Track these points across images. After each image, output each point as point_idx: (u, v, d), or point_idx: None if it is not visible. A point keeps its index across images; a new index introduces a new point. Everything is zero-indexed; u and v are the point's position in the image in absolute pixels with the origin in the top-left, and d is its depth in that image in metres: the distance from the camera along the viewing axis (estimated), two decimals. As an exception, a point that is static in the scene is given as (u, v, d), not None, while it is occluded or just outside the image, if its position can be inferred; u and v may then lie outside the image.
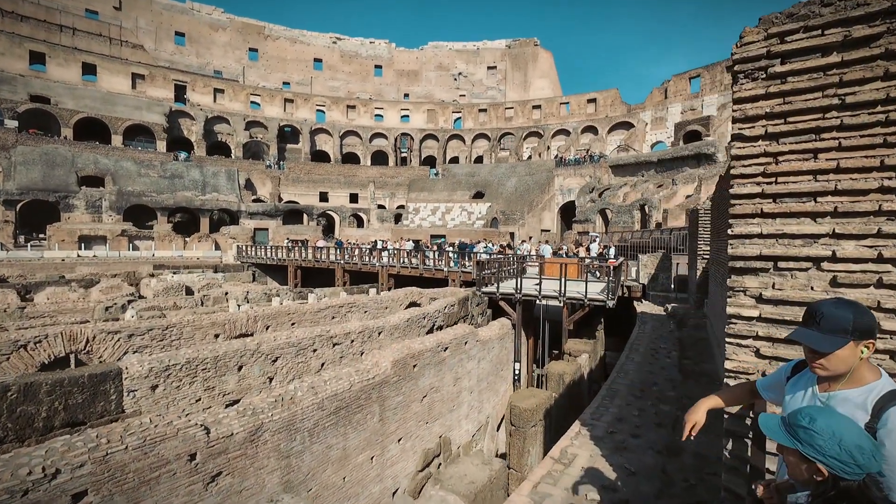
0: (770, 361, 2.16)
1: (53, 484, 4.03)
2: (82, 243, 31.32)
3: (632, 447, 4.65)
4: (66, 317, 12.55)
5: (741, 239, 2.19)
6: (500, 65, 66.01)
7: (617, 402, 5.98)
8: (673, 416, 5.34)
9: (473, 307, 15.77)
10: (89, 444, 4.36)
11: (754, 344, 2.19)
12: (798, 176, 2.06)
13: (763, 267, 2.15)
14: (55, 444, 4.28)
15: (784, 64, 2.06)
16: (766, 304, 2.15)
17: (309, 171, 52.01)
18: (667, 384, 6.68)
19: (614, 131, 50.70)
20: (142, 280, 22.48)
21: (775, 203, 2.11)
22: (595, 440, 4.82)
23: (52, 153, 35.33)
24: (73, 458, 4.20)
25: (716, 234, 8.21)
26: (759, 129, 2.14)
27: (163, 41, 56.29)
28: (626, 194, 35.77)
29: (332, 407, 6.79)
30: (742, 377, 2.22)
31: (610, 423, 5.26)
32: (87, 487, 4.25)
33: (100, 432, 4.55)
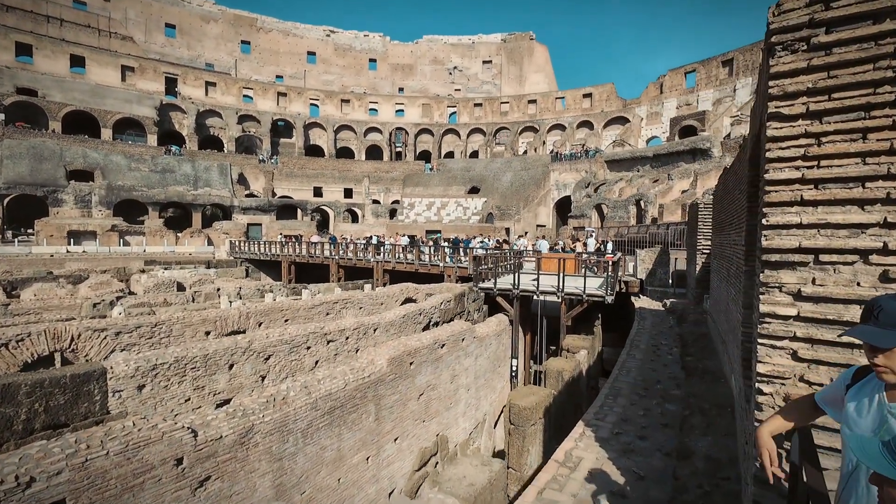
0: (809, 365, 1.95)
1: (28, 493, 3.78)
2: (71, 238, 30.76)
3: (639, 449, 4.46)
4: (52, 314, 12.21)
5: (777, 230, 1.98)
6: (495, 59, 65.56)
7: (621, 401, 5.80)
8: (680, 415, 5.16)
9: (470, 303, 15.57)
10: (67, 450, 4.11)
11: (791, 346, 1.99)
12: (844, 159, 1.84)
13: (802, 260, 1.94)
14: (30, 450, 4.02)
15: (829, 33, 1.84)
16: (805, 302, 1.94)
17: (303, 165, 51.45)
18: (670, 382, 6.51)
19: (610, 126, 50.54)
20: (132, 276, 22.07)
21: (817, 189, 1.90)
22: (600, 442, 4.63)
23: (39, 147, 34.60)
24: (49, 465, 3.95)
25: (718, 229, 8.05)
26: (800, 106, 1.92)
27: (153, 33, 55.30)
28: (622, 189, 35.67)
29: (327, 407, 6.56)
30: (777, 382, 2.01)
31: (615, 424, 5.07)
32: (64, 496, 4.00)
33: (79, 437, 4.29)
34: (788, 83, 1.93)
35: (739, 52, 40.07)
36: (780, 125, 1.96)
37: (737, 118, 35.03)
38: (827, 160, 1.88)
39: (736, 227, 5.29)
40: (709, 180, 28.61)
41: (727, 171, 6.89)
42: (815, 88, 1.89)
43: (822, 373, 1.91)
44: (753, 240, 4.10)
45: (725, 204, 7.21)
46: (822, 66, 1.86)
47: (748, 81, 39.15)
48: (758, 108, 3.08)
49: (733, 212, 5.59)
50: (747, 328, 4.14)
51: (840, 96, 1.83)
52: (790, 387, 1.97)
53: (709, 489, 3.40)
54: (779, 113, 1.96)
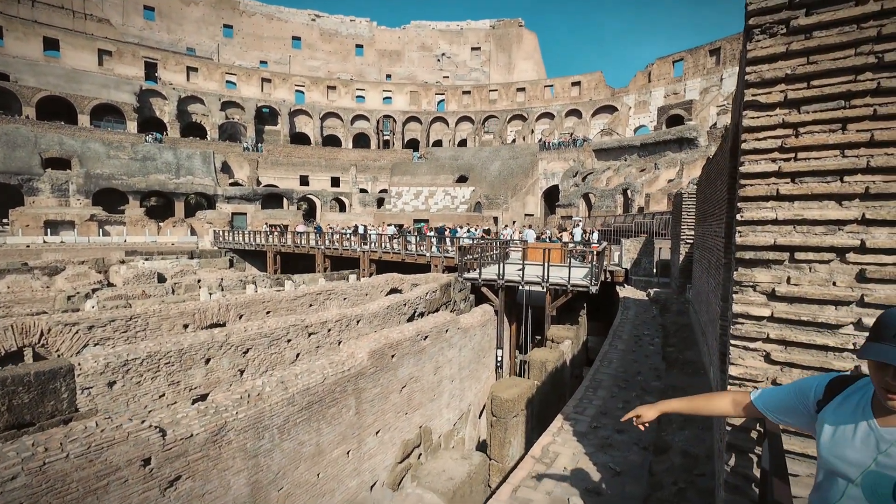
0: (782, 368, 1.86)
1: (-20, 500, 3.61)
2: (48, 229, 29.90)
3: (617, 444, 4.42)
4: (24, 307, 11.83)
5: (752, 225, 1.87)
6: (484, 46, 64.75)
7: (601, 393, 5.77)
8: (658, 408, 5.12)
9: (456, 293, 15.49)
10: (23, 453, 3.93)
11: (764, 347, 1.89)
12: (822, 151, 1.73)
13: (777, 258, 1.83)
14: (-18, 455, 3.83)
15: (810, 15, 1.71)
16: (780, 302, 1.84)
17: (288, 153, 50.53)
18: (651, 373, 6.50)
19: (598, 115, 50.45)
20: (111, 267, 21.53)
21: (794, 183, 1.79)
22: (578, 436, 4.58)
23: (12, 133, 33.39)
24: (2, 469, 3.76)
25: (701, 219, 8.02)
26: (777, 94, 1.80)
27: (131, 15, 53.40)
28: (610, 178, 35.74)
29: (304, 402, 6.43)
30: (749, 385, 1.93)
31: (594, 417, 5.03)
32: (21, 500, 3.83)
33: (36, 440, 4.10)
34: (766, 69, 1.81)
35: (727, 41, 40.10)
36: (756, 114, 1.84)
37: (723, 108, 35.18)
38: (805, 152, 1.76)
39: (717, 218, 5.23)
40: (695, 170, 28.77)
41: (710, 162, 6.83)
42: (793, 75, 1.76)
43: (796, 375, 1.82)
44: (733, 232, 4.03)
45: (708, 194, 7.17)
46: (802, 50, 1.74)
47: (735, 71, 39.24)
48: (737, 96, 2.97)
49: (715, 202, 5.52)
50: (725, 321, 4.09)
51: (819, 83, 1.71)
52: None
53: (684, 486, 3.35)
54: (756, 101, 1.83)
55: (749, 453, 1.91)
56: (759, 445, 1.89)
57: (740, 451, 1.93)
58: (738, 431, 1.91)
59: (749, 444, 1.90)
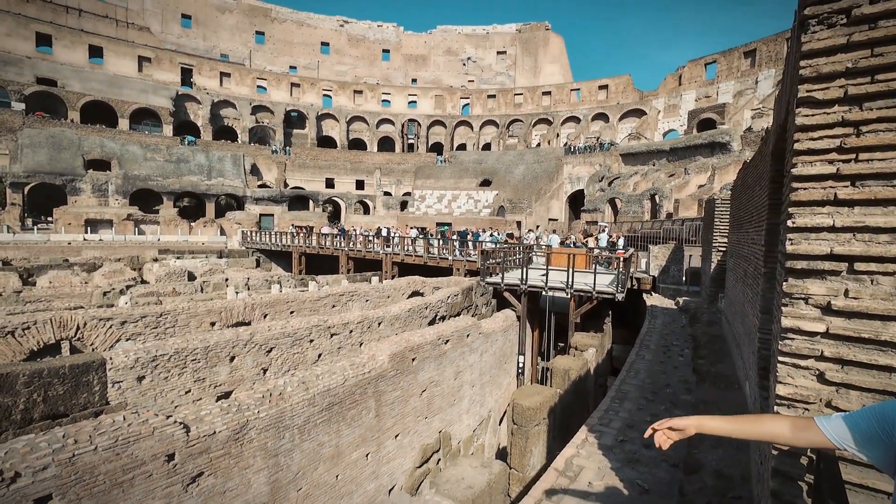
0: (837, 389, 1.70)
1: (13, 488, 3.72)
2: (89, 227, 31.31)
3: (644, 459, 4.23)
4: (63, 301, 12.35)
5: (804, 233, 1.71)
6: (509, 50, 64.53)
7: (627, 405, 5.55)
8: (690, 423, 4.88)
9: (478, 297, 15.36)
10: (54, 444, 4.04)
11: (817, 366, 1.73)
12: (888, 151, 1.57)
13: (833, 269, 1.68)
14: (16, 444, 3.95)
15: (874, 3, 1.56)
16: (836, 317, 1.68)
17: (315, 156, 51.51)
18: (681, 386, 6.22)
19: (626, 119, 49.48)
20: (145, 265, 22.34)
21: (854, 187, 1.63)
22: (604, 450, 4.40)
23: (58, 136, 35.18)
24: (34, 460, 3.88)
25: (736, 226, 7.67)
26: (836, 90, 1.65)
27: (169, 23, 55.64)
28: (637, 183, 34.93)
29: (325, 403, 6.45)
30: (799, 406, 1.77)
31: (620, 430, 4.83)
32: (51, 491, 3.93)
33: (67, 432, 4.22)
34: (823, 63, 1.66)
35: (762, 43, 38.72)
36: (811, 112, 1.69)
37: (758, 111, 33.93)
38: (867, 153, 1.61)
39: (755, 225, 4.97)
40: (727, 175, 27.81)
41: (747, 166, 6.53)
42: (855, 69, 1.61)
43: (854, 398, 1.66)
44: (774, 240, 3.80)
45: (744, 200, 6.85)
46: (865, 42, 1.58)
47: (771, 73, 37.84)
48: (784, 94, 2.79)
49: (753, 209, 5.25)
50: (765, 334, 3.85)
51: (886, 77, 1.55)
52: (815, 412, 1.72)
53: (718, 509, 3.16)
54: (811, 98, 1.68)
55: (798, 480, 1.75)
56: (809, 472, 1.73)
57: (788, 478, 1.77)
58: (786, 456, 1.74)
59: (798, 471, 1.74)
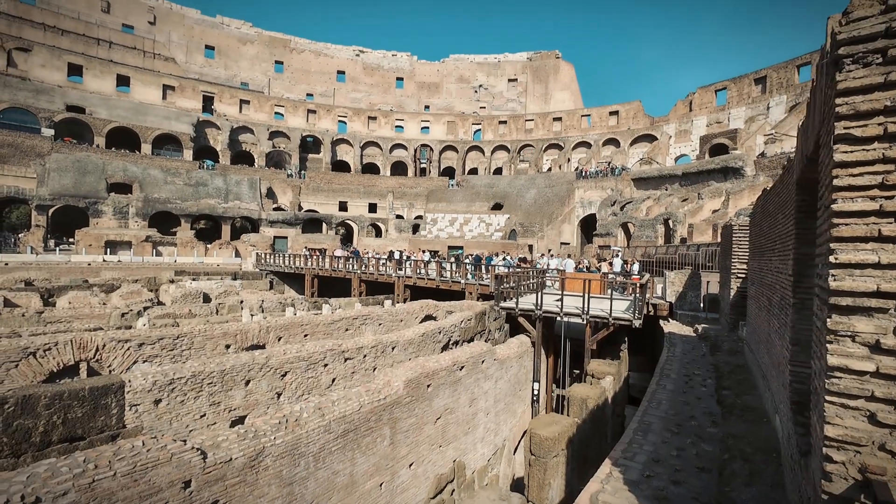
0: (892, 431, 1.64)
1: (32, 514, 3.70)
2: (108, 248, 32.00)
3: (674, 497, 4.07)
4: (82, 322, 12.53)
5: (849, 269, 1.70)
6: (520, 77, 65.89)
7: (651, 438, 5.38)
8: (718, 459, 4.72)
9: (491, 322, 15.22)
10: (75, 469, 4.03)
11: (868, 406, 1.68)
12: (933, 189, 1.56)
13: (881, 306, 1.65)
14: (38, 468, 3.96)
15: (910, 43, 1.58)
16: (886, 356, 1.64)
17: (329, 180, 52.47)
18: (706, 418, 6.03)
19: (637, 144, 49.74)
20: (161, 286, 22.66)
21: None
22: (630, 486, 4.25)
23: (84, 160, 36.44)
24: (55, 485, 3.87)
25: (757, 253, 7.57)
26: (875, 127, 1.66)
27: (193, 54, 58.11)
28: (650, 208, 34.82)
29: (340, 430, 6.36)
30: (850, 449, 1.70)
31: (645, 465, 4.67)
32: (69, 518, 3.90)
33: (87, 456, 4.21)
34: (860, 101, 1.67)
35: (773, 70, 39.00)
36: (850, 148, 1.70)
37: (771, 136, 33.91)
38: (912, 190, 1.60)
39: (779, 253, 4.90)
40: (741, 200, 27.63)
41: (768, 193, 6.48)
42: (894, 107, 1.62)
43: (908, 441, 1.60)
44: (803, 270, 3.74)
45: (765, 228, 6.77)
46: (904, 80, 1.60)
47: (782, 99, 37.96)
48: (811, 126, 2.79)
49: (776, 237, 5.19)
50: (797, 367, 3.75)
51: (927, 115, 1.56)
52: (867, 456, 1.65)
53: (757, 553, 3.01)
54: (849, 135, 1.69)
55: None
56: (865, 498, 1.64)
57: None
58: (839, 502, 1.67)
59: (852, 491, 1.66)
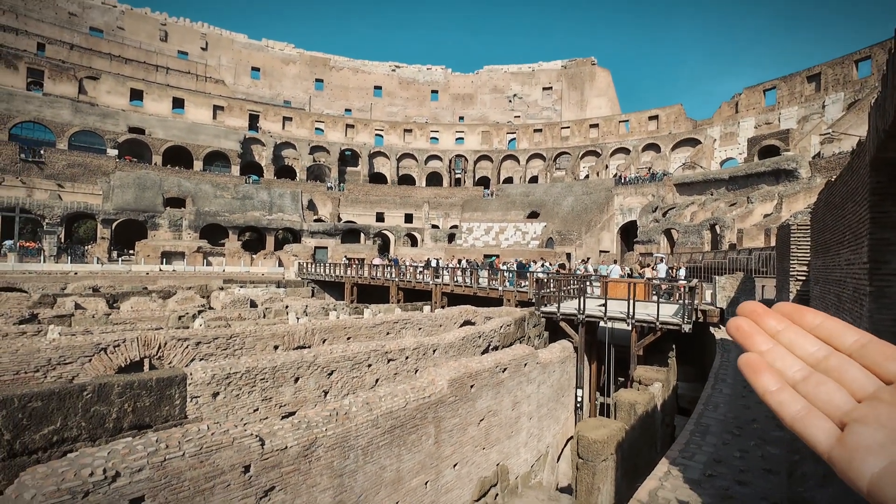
0: None
1: (113, 487, 3.98)
2: (164, 258, 34.07)
3: (739, 496, 3.88)
4: (144, 324, 13.35)
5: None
6: (555, 85, 65.50)
7: (710, 439, 5.15)
8: (786, 461, 4.47)
9: (530, 328, 15.04)
10: (149, 448, 4.32)
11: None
12: None
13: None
14: (117, 445, 4.26)
15: None
16: None
17: (367, 192, 53.80)
18: (769, 422, 5.71)
19: (679, 148, 48.11)
20: (212, 293, 23.83)
21: None
22: (691, 484, 4.08)
23: (143, 177, 39.15)
24: (132, 461, 4.15)
25: (821, 251, 7.14)
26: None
27: (240, 76, 61.58)
28: (694, 213, 33.47)
29: (387, 425, 6.47)
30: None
31: (706, 465, 4.48)
32: (144, 493, 4.17)
33: (160, 437, 4.50)
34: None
35: (828, 66, 36.89)
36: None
37: (827, 136, 31.92)
38: None
39: (849, 244, 4.63)
40: (796, 203, 26.07)
41: (832, 185, 6.14)
42: None
43: None
44: (881, 256, 3.53)
45: (830, 222, 6.41)
46: None
47: (839, 97, 35.76)
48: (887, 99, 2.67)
49: (845, 228, 4.91)
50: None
51: None
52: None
53: (838, 551, 2.83)
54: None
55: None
56: None
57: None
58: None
59: None
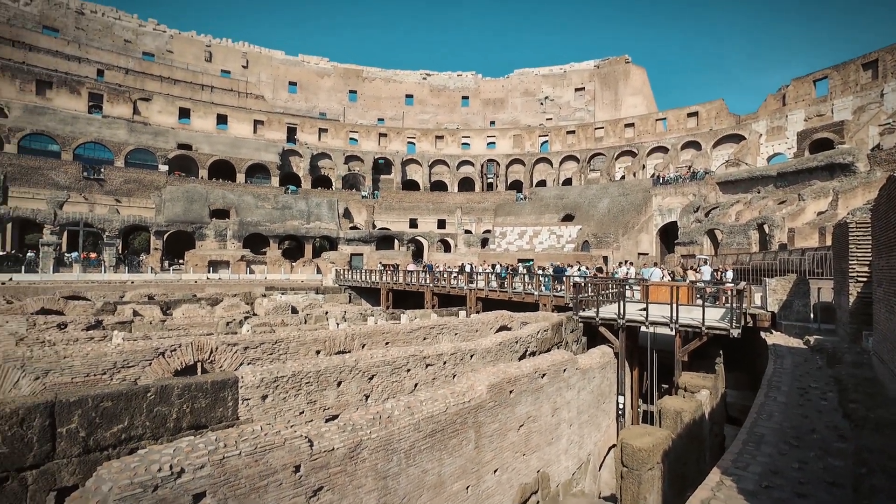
0: None
1: (178, 483, 4.26)
2: (211, 267, 35.81)
3: (800, 509, 3.72)
4: (196, 329, 14.12)
5: None
6: (588, 86, 64.44)
7: (765, 449, 4.94)
8: (851, 473, 4.23)
9: (567, 333, 14.80)
10: (209, 446, 4.58)
11: None
12: None
13: None
14: (180, 444, 4.56)
15: None
16: None
17: (400, 199, 54.62)
18: (831, 433, 5.41)
19: (721, 145, 46.18)
20: (255, 300, 24.85)
21: None
22: (746, 495, 3.95)
23: (191, 191, 41.39)
24: (195, 458, 4.42)
25: (885, 250, 6.70)
26: None
27: (279, 91, 64.16)
28: (740, 213, 31.96)
29: (428, 429, 6.56)
30: None
31: (762, 476, 4.30)
32: (205, 489, 4.43)
33: (218, 436, 4.77)
34: None
35: (886, 52, 34.50)
36: None
37: (888, 126, 29.77)
38: None
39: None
40: (853, 199, 24.42)
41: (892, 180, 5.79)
42: None
43: None
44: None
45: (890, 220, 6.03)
46: None
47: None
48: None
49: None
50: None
51: None
52: None
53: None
54: None
55: None
56: None
57: None
58: None
59: None
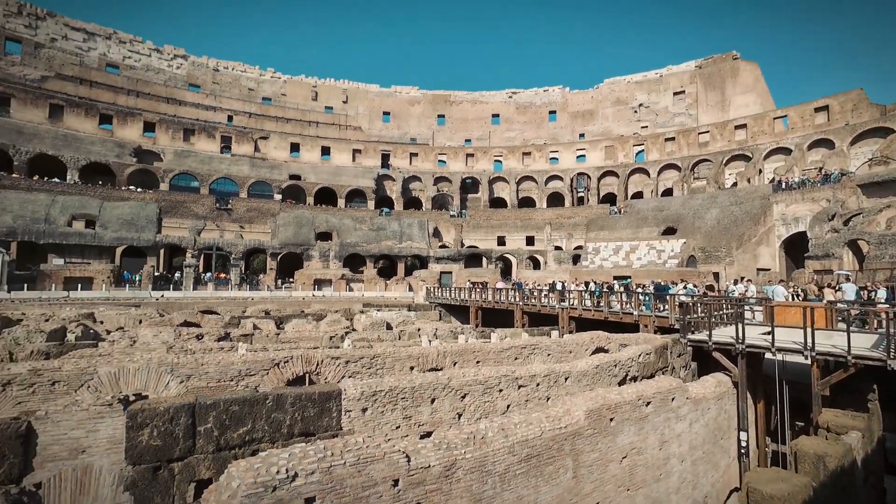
0: None
1: (293, 486, 4.65)
2: (316, 285, 39.14)
3: None
4: (304, 343, 15.46)
5: None
6: (688, 88, 59.71)
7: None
8: None
9: (674, 358, 13.48)
10: (319, 454, 4.94)
11: None
12: None
13: None
14: (294, 449, 4.98)
15: None
16: None
17: (487, 217, 54.99)
18: None
19: (860, 141, 39.47)
20: (354, 316, 26.54)
21: None
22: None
23: (300, 216, 45.99)
24: (307, 464, 4.80)
25: None
26: None
27: (374, 121, 69.17)
28: (891, 219, 26.83)
29: (523, 453, 6.38)
30: None
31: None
32: (315, 494, 4.77)
33: (325, 445, 5.13)
34: None
35: None
36: None
37: None
38: None
39: None
40: None
41: None
42: None
43: None
44: None
45: None
46: None
47: None
48: None
49: None
50: None
51: None
52: None
53: None
54: None
55: None
56: None
57: None
58: None
59: None
